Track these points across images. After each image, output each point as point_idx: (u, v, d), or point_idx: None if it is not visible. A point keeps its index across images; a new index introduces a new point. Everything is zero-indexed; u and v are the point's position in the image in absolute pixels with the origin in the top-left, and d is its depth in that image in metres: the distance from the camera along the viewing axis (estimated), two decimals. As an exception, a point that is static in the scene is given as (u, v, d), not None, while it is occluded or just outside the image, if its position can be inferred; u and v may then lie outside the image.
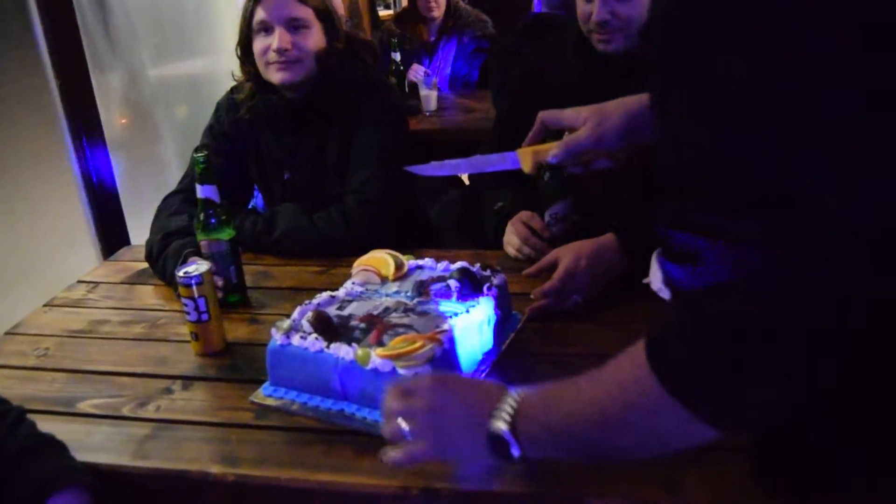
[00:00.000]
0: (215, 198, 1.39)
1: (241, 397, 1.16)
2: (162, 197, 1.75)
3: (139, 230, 1.99)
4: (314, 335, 1.11)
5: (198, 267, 1.27)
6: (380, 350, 1.05)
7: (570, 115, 1.09)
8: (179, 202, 1.69)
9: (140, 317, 1.47)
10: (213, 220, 1.39)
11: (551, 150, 1.09)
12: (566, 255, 1.37)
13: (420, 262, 1.37)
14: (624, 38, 1.50)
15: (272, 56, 1.64)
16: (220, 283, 1.40)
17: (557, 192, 1.50)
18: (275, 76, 1.66)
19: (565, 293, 1.35)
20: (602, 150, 1.09)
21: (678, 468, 0.93)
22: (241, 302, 1.47)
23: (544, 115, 1.12)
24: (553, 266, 1.37)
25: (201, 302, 1.26)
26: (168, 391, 1.20)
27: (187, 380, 1.23)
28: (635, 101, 1.04)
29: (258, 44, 1.67)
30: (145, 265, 1.63)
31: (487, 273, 1.29)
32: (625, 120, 1.04)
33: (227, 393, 1.19)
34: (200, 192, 1.39)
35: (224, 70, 1.86)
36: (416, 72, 3.37)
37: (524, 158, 1.13)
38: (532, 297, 1.35)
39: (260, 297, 1.50)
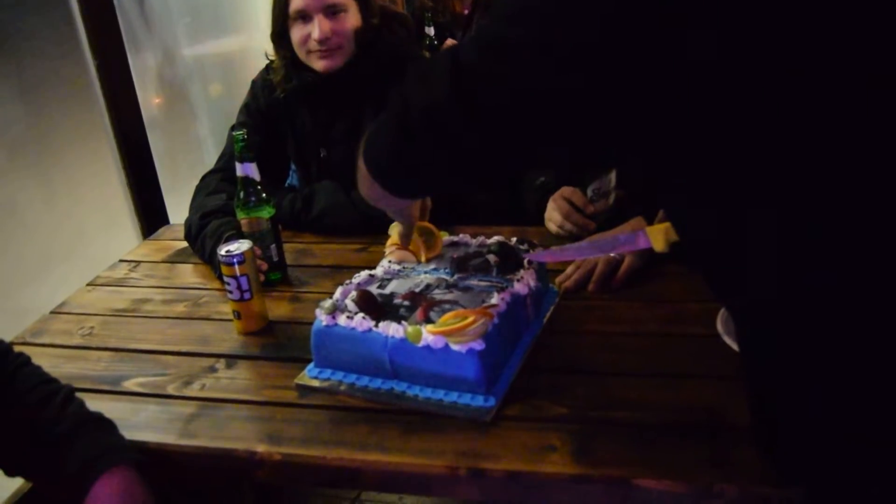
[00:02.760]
0: (255, 176, 1.38)
1: (284, 376, 1.16)
2: (199, 175, 1.75)
3: (177, 208, 2.00)
4: (361, 314, 1.09)
5: (240, 245, 1.26)
6: (431, 327, 1.04)
7: None
8: (217, 181, 1.69)
9: (182, 295, 1.48)
10: (253, 199, 1.39)
11: None
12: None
13: (455, 238, 1.36)
14: None
15: (313, 45, 1.62)
16: (264, 266, 1.40)
17: (600, 166, 1.48)
18: (317, 64, 1.65)
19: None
20: None
21: (728, 446, 0.92)
22: (282, 280, 1.47)
23: None
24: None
25: (243, 280, 1.25)
26: (212, 370, 1.21)
27: (231, 358, 1.23)
28: None
29: (297, 32, 1.64)
30: (185, 244, 1.64)
31: (525, 247, 1.27)
32: None
33: (271, 371, 1.19)
34: (240, 170, 1.38)
35: (258, 48, 1.85)
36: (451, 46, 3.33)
37: (655, 237, 1.06)
38: (567, 272, 1.36)
39: (300, 274, 1.50)
